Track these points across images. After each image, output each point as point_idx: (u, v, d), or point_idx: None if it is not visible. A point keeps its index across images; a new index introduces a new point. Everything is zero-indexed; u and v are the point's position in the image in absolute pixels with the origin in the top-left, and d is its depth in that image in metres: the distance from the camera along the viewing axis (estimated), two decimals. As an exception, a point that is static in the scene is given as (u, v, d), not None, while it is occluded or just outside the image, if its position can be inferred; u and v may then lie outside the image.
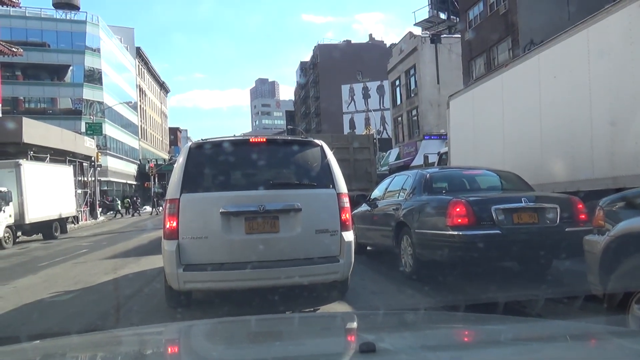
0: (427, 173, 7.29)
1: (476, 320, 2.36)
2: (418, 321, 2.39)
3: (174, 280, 4.76)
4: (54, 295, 6.67)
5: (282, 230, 4.92)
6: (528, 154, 9.41)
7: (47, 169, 20.63)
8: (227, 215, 4.84)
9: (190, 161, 5.05)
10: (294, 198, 4.99)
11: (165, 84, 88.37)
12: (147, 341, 2.12)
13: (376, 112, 53.37)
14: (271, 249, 4.88)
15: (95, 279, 8.08)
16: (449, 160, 13.13)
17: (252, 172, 5.30)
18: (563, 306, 4.65)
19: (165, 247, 4.85)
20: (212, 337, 2.12)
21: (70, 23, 52.48)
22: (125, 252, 12.46)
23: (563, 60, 8.61)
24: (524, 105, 9.67)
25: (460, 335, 2.04)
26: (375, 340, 1.49)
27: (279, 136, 6.37)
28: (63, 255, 12.54)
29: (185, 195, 4.86)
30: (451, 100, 13.27)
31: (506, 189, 7.07)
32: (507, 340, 1.84)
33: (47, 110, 50.49)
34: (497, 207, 5.76)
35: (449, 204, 5.90)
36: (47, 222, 18.92)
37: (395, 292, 6.18)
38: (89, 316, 5.49)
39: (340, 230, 5.03)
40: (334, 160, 5.36)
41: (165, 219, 4.86)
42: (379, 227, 7.99)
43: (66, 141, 26.74)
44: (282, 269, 4.80)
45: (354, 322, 2.44)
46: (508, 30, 25.60)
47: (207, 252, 4.85)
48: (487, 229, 5.69)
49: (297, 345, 1.86)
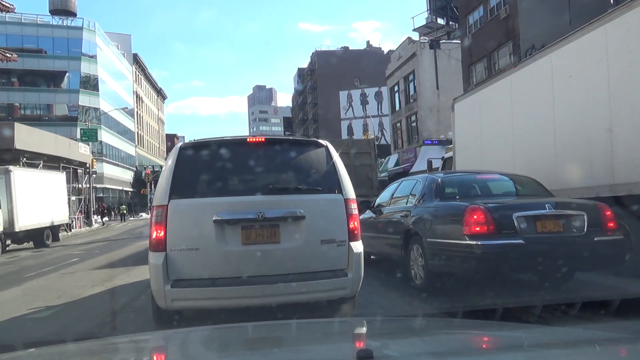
0: (439, 177, 6.76)
1: (474, 327, 2.32)
2: (416, 327, 2.35)
3: (161, 297, 4.20)
4: (32, 312, 6.11)
5: (284, 240, 4.37)
6: (541, 157, 8.93)
7: (39, 176, 20.24)
8: (222, 224, 4.29)
9: (180, 163, 4.49)
10: (297, 204, 4.44)
11: (163, 90, 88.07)
12: (143, 348, 2.09)
13: (374, 119, 53.04)
14: (271, 261, 4.33)
15: (81, 292, 7.53)
16: (454, 166, 12.68)
17: (250, 176, 4.74)
18: (560, 313, 4.39)
19: (151, 259, 4.30)
20: (209, 343, 2.09)
21: (66, 29, 52.40)
22: (117, 261, 11.91)
23: (579, 59, 8.16)
24: (536, 107, 9.21)
25: (458, 342, 2.00)
26: (373, 347, 1.46)
27: (280, 135, 5.82)
28: (52, 265, 12.08)
29: (174, 202, 4.30)
30: (456, 104, 12.81)
31: (524, 195, 6.56)
32: (505, 347, 1.82)
33: (43, 116, 50.27)
34: (519, 214, 5.25)
35: (466, 210, 5.37)
36: (39, 230, 18.52)
37: (405, 306, 5.67)
38: (66, 338, 4.92)
39: (348, 240, 4.48)
40: (340, 162, 4.83)
41: (152, 228, 4.30)
42: (386, 235, 7.46)
43: (60, 147, 26.38)
44: (283, 284, 4.23)
45: (351, 328, 2.38)
46: (509, 35, 25.41)
47: (199, 266, 4.30)
48: (509, 239, 5.17)
49: (294, 352, 1.84)
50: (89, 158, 32.01)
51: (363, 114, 58.49)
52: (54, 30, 52.14)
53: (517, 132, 9.90)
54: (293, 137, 6.23)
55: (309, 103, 76.29)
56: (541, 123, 9.00)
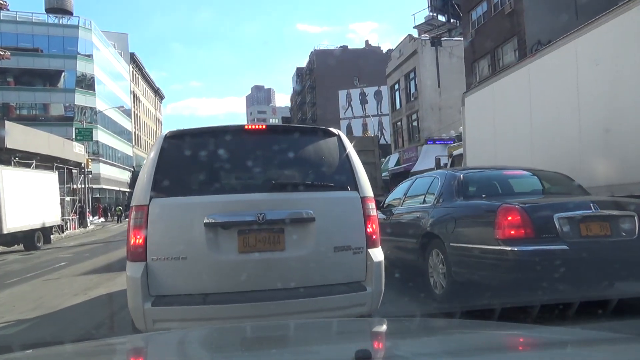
0: (460, 173, 5.99)
1: (472, 327, 2.31)
2: (413, 328, 2.33)
3: (139, 318, 3.42)
4: (1, 327, 5.36)
5: (289, 247, 3.61)
6: (563, 151, 8.22)
7: (30, 176, 19.56)
8: (214, 228, 3.54)
9: (165, 155, 3.72)
10: (304, 204, 3.68)
11: (160, 90, 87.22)
12: (141, 349, 2.06)
13: (374, 118, 52.41)
14: (274, 273, 3.57)
15: (61, 301, 6.80)
16: (464, 163, 11.98)
17: (248, 170, 3.91)
18: (559, 312, 4.18)
19: (128, 272, 3.54)
20: (206, 344, 2.07)
21: (62, 28, 51.75)
22: (106, 265, 11.17)
23: (606, 45, 7.45)
24: (558, 97, 8.50)
25: (456, 342, 1.96)
26: (371, 347, 1.45)
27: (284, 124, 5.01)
28: (38, 270, 11.43)
29: (157, 201, 3.54)
30: (467, 97, 12.10)
31: (557, 193, 5.82)
32: (504, 347, 1.80)
33: (39, 116, 49.68)
34: (561, 216, 4.51)
35: (499, 210, 4.63)
36: (29, 232, 17.89)
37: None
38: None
39: (366, 247, 3.72)
40: (355, 154, 4.08)
41: (129, 233, 3.54)
42: (398, 239, 6.71)
43: (53, 147, 25.65)
44: (288, 301, 3.47)
45: (349, 328, 2.35)
46: (514, 30, 24.84)
47: (186, 279, 3.54)
48: (550, 244, 4.43)
49: (292, 352, 1.83)
50: (83, 158, 31.33)
51: (362, 114, 57.91)
52: (50, 28, 51.47)
53: (535, 124, 9.19)
54: (299, 125, 5.39)
55: (307, 103, 75.60)
56: (564, 114, 8.29)
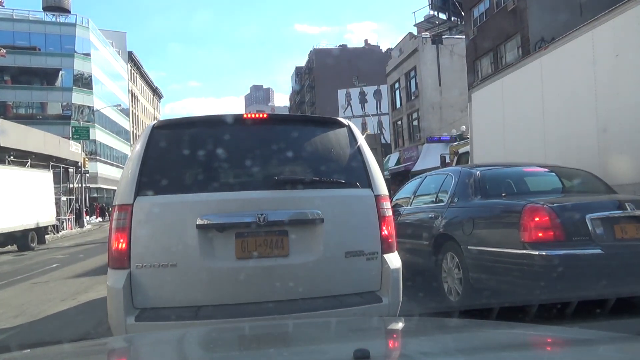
0: (477, 170, 5.54)
1: (470, 326, 2.27)
2: (412, 327, 2.29)
3: (121, 334, 2.95)
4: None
5: (294, 253, 3.16)
6: (580, 147, 7.79)
7: (23, 175, 19.11)
8: (208, 230, 3.09)
9: (152, 147, 3.27)
10: (311, 203, 3.22)
11: (159, 89, 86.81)
12: (140, 349, 2.02)
13: (373, 117, 52.05)
14: (277, 282, 3.11)
15: (46, 308, 6.36)
16: (471, 161, 11.56)
17: (247, 164, 3.41)
18: (557, 311, 4.08)
19: (108, 281, 3.08)
20: (205, 343, 2.04)
21: (59, 26, 51.38)
22: (99, 268, 10.68)
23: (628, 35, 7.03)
24: (574, 91, 8.07)
25: (454, 341, 1.90)
26: (370, 346, 1.41)
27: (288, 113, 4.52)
28: (29, 272, 11.03)
29: (142, 199, 3.09)
30: (473, 93, 11.66)
31: (583, 192, 5.37)
32: (501, 346, 1.75)
33: (36, 115, 49.34)
34: (594, 216, 4.07)
35: (525, 211, 4.18)
36: (22, 232, 17.55)
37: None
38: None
39: (381, 251, 3.29)
40: (367, 147, 3.61)
41: (111, 237, 3.10)
42: (408, 240, 6.25)
43: (49, 145, 25.21)
44: (293, 315, 3.00)
45: (348, 327, 2.26)
46: (517, 27, 24.52)
47: (176, 290, 3.08)
48: (583, 247, 3.99)
49: (290, 352, 1.80)
50: (80, 156, 30.86)
51: (362, 113, 57.54)
52: (47, 26, 51.11)
53: (548, 119, 8.76)
54: (305, 115, 4.94)
55: (306, 102, 75.21)
56: (580, 108, 7.87)
